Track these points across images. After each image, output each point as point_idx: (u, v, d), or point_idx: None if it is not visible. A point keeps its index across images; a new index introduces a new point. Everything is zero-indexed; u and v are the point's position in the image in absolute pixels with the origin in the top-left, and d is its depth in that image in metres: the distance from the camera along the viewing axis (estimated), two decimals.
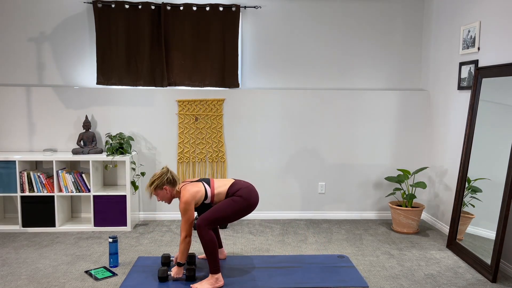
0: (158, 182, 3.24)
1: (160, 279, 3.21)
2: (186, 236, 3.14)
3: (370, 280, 3.31)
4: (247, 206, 3.25)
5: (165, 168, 3.30)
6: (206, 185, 3.28)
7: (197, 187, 3.24)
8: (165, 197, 3.29)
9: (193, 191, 3.20)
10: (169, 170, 3.30)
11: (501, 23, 3.59)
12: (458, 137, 4.24)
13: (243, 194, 3.24)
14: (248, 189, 3.29)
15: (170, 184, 3.26)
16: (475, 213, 3.72)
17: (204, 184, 3.28)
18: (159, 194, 3.27)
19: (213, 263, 3.14)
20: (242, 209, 3.24)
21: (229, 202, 3.22)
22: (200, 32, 4.67)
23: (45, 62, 4.71)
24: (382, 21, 4.86)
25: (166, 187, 3.25)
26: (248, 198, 3.25)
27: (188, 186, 3.25)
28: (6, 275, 3.33)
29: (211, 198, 3.27)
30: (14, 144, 4.69)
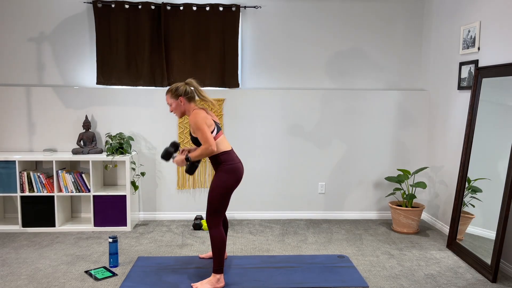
0: (174, 89, 3.15)
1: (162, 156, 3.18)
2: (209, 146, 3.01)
3: (370, 280, 3.31)
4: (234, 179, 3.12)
5: (188, 82, 3.19)
6: (216, 128, 3.14)
7: (210, 120, 3.09)
8: (177, 108, 3.17)
9: (204, 117, 3.06)
10: (189, 83, 3.18)
11: (501, 23, 3.59)
12: (458, 137, 4.24)
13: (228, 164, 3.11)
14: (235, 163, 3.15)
15: (186, 97, 3.15)
16: (475, 213, 3.72)
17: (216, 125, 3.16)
18: (172, 103, 3.17)
19: (218, 262, 3.11)
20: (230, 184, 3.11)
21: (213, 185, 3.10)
22: (200, 32, 4.67)
23: (45, 62, 4.71)
24: (382, 21, 4.86)
25: (181, 98, 3.15)
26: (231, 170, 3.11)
27: (202, 112, 3.11)
28: (6, 275, 3.33)
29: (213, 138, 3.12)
30: (14, 144, 4.69)
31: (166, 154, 3.21)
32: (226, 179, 3.12)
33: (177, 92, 3.16)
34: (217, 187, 3.11)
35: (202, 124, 3.03)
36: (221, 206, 3.13)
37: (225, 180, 3.11)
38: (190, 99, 3.18)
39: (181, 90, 3.15)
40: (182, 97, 3.16)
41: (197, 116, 3.05)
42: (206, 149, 3.03)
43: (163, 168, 4.79)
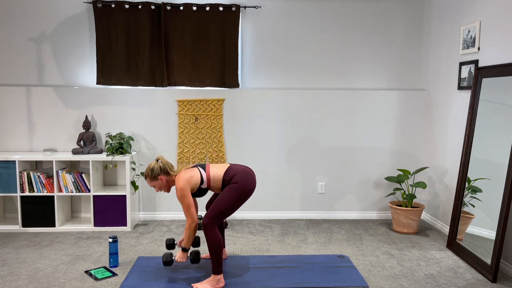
0: (150, 173, 3.25)
1: (164, 264, 3.19)
2: (192, 221, 3.13)
3: (370, 280, 3.31)
4: (246, 191, 3.18)
5: (157, 158, 3.30)
6: (201, 170, 3.25)
7: (191, 173, 3.21)
8: (162, 187, 3.29)
9: (187, 177, 3.18)
10: (159, 160, 3.28)
11: (501, 23, 3.59)
12: (458, 137, 4.24)
13: (239, 179, 3.16)
14: (243, 173, 3.21)
15: (164, 173, 3.25)
16: (475, 213, 3.72)
17: (199, 169, 3.25)
18: (155, 185, 3.28)
19: (216, 264, 3.12)
20: (242, 195, 3.17)
21: (228, 193, 3.14)
22: (200, 32, 4.67)
23: (45, 62, 4.71)
24: (382, 21, 4.86)
25: (160, 177, 3.25)
26: (244, 183, 3.16)
27: (181, 173, 3.23)
28: (6, 275, 3.33)
29: (207, 183, 3.23)
30: (14, 144, 4.69)
31: (167, 261, 3.20)
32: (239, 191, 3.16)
33: (154, 173, 3.25)
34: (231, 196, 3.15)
35: (185, 196, 3.13)
36: (228, 213, 3.17)
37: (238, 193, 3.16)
38: (168, 172, 3.28)
39: (156, 171, 3.25)
40: (160, 175, 3.25)
41: (180, 184, 3.14)
42: (190, 227, 3.17)
43: None
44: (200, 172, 3.24)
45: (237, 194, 3.15)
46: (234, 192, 3.15)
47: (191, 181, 3.19)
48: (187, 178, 3.18)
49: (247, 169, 3.28)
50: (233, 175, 3.20)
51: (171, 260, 3.20)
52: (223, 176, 3.23)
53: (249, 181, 3.20)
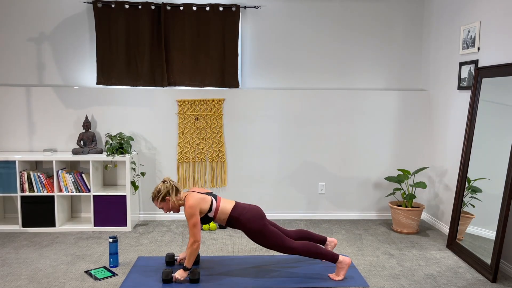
0: (157, 195, 3.27)
1: (163, 281, 3.20)
2: (194, 241, 3.16)
3: (370, 280, 3.31)
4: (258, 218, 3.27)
5: (164, 179, 3.31)
6: (212, 198, 3.30)
7: (202, 197, 3.26)
8: (170, 208, 3.30)
9: (199, 197, 3.23)
10: (166, 181, 3.29)
11: (501, 23, 3.59)
12: (458, 137, 4.24)
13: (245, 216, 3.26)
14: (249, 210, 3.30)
15: (172, 194, 3.26)
16: (475, 213, 3.72)
17: (211, 197, 3.30)
18: (164, 206, 3.29)
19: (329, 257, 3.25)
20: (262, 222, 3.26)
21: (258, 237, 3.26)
22: (200, 32, 4.67)
23: (45, 62, 4.71)
24: (382, 21, 4.86)
25: (168, 198, 3.26)
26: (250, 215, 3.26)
27: (194, 193, 3.28)
28: (6, 275, 3.33)
29: (214, 212, 3.28)
30: (14, 144, 4.69)
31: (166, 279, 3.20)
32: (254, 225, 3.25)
33: (160, 195, 3.26)
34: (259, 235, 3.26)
35: (194, 215, 3.16)
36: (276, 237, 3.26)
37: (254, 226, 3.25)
38: (176, 193, 3.28)
39: (163, 192, 3.25)
40: (168, 196, 3.26)
41: (191, 202, 3.18)
42: (191, 247, 3.17)
43: (163, 168, 4.79)
44: (211, 200, 3.28)
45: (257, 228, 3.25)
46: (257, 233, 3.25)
47: (202, 204, 3.22)
48: (199, 198, 3.22)
49: (252, 206, 3.37)
50: (239, 213, 3.27)
51: (170, 277, 3.20)
52: (231, 212, 3.29)
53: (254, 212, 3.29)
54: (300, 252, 3.26)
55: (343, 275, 3.27)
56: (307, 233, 3.56)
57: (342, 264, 3.26)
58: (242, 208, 3.32)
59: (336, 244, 3.60)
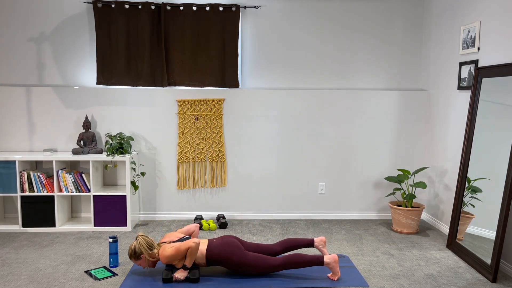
0: (133, 253, 3.26)
1: (163, 281, 3.20)
2: (189, 247, 3.17)
3: (370, 280, 3.31)
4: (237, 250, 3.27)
5: (137, 236, 3.30)
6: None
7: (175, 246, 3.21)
8: (148, 263, 3.29)
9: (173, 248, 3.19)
10: (139, 237, 3.27)
11: (501, 23, 3.59)
12: (458, 137, 4.24)
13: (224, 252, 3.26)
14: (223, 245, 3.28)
15: (149, 250, 3.25)
16: (475, 213, 3.72)
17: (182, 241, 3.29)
18: (141, 264, 3.29)
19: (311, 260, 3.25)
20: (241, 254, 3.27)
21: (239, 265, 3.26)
22: (200, 32, 4.67)
23: (45, 62, 4.71)
24: (382, 21, 4.86)
25: (142, 256, 3.26)
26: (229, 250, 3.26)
27: (165, 245, 3.25)
28: (6, 275, 3.33)
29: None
30: (14, 144, 4.69)
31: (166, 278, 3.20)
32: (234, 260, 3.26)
33: (136, 254, 3.27)
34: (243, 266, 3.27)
35: (172, 255, 3.16)
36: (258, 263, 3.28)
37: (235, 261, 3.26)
38: (150, 249, 3.27)
39: (138, 250, 3.25)
40: (143, 255, 3.26)
41: (167, 253, 3.17)
42: (191, 249, 3.17)
43: (163, 168, 4.79)
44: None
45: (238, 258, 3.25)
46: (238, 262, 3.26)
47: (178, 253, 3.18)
48: (172, 248, 3.18)
49: (224, 239, 3.34)
50: (217, 253, 3.26)
51: (170, 277, 3.21)
52: (205, 253, 3.28)
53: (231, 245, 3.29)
54: (285, 267, 3.27)
55: (338, 271, 3.28)
56: (292, 242, 3.52)
57: (332, 264, 3.26)
58: (215, 246, 3.29)
59: (325, 241, 3.54)
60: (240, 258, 3.25)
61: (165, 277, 3.19)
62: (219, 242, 3.32)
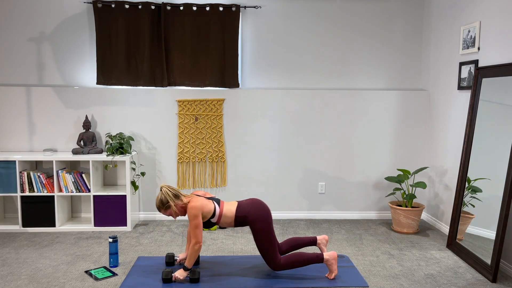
0: (160, 204, 3.26)
1: (163, 281, 3.20)
2: (196, 242, 3.17)
3: (370, 280, 3.31)
4: (265, 219, 3.26)
5: (161, 187, 3.31)
6: (215, 204, 3.30)
7: (206, 201, 3.27)
8: (176, 213, 3.29)
9: (202, 202, 3.24)
10: (163, 188, 3.29)
11: (501, 23, 3.59)
12: (458, 137, 4.24)
13: (254, 216, 3.25)
14: (253, 207, 3.29)
15: (175, 199, 3.26)
16: (475, 213, 3.72)
17: (214, 203, 3.30)
18: (171, 213, 3.29)
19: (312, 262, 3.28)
20: (267, 225, 3.26)
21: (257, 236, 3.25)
22: (200, 32, 4.67)
23: (45, 62, 4.71)
24: (382, 21, 4.86)
25: (170, 203, 3.26)
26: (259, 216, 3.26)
27: (198, 198, 3.29)
28: (6, 275, 3.33)
29: (218, 217, 3.29)
30: (14, 144, 4.69)
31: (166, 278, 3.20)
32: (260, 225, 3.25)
33: (162, 203, 3.26)
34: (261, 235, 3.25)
35: (196, 216, 3.18)
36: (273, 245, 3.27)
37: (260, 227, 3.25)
38: (176, 198, 3.28)
39: (165, 199, 3.26)
40: (170, 202, 3.26)
41: (193, 208, 3.20)
42: (193, 248, 3.20)
43: (163, 168, 4.79)
44: (214, 205, 3.28)
45: (263, 230, 3.24)
46: (260, 232, 3.24)
47: (205, 208, 3.23)
48: (203, 203, 3.23)
49: (255, 200, 3.37)
50: (247, 212, 3.27)
51: (170, 277, 3.21)
52: (235, 214, 3.29)
53: (261, 211, 3.28)
54: (286, 267, 3.28)
55: (336, 269, 3.29)
56: (296, 241, 3.53)
57: (330, 261, 3.28)
58: (245, 205, 3.31)
59: (328, 240, 3.57)
60: (265, 227, 3.24)
61: (165, 277, 3.19)
62: (249, 203, 3.34)
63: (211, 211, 3.25)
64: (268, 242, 3.25)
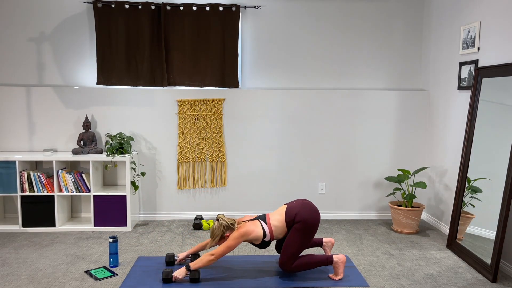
0: (218, 234, 3.28)
1: (164, 281, 3.20)
2: (216, 257, 3.18)
3: (370, 280, 3.31)
4: (312, 225, 3.26)
5: (217, 217, 3.32)
6: (262, 223, 3.29)
7: (253, 227, 3.26)
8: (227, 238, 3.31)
9: (249, 230, 3.23)
10: (221, 219, 3.30)
11: (501, 23, 3.59)
12: (458, 137, 4.24)
13: (303, 218, 3.24)
14: (304, 209, 3.29)
15: (229, 230, 3.28)
16: (475, 213, 3.72)
17: (261, 222, 3.30)
18: (223, 242, 3.31)
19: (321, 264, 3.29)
20: (308, 231, 3.26)
21: (294, 234, 3.24)
22: (200, 32, 4.67)
23: (45, 62, 4.71)
24: (382, 21, 4.87)
25: (227, 234, 3.28)
26: (308, 218, 3.25)
27: (247, 223, 3.28)
28: (6, 275, 3.33)
29: (270, 235, 3.29)
30: (14, 144, 4.69)
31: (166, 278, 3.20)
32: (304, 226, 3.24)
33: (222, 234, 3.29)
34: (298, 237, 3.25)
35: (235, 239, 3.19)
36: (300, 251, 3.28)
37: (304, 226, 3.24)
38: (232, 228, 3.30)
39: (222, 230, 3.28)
40: (226, 233, 3.29)
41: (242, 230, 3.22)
42: (209, 257, 3.19)
43: (163, 168, 4.79)
44: (262, 225, 3.28)
45: (303, 233, 3.24)
46: (300, 232, 3.24)
47: (251, 235, 3.22)
48: (249, 229, 3.23)
49: (306, 202, 3.35)
50: (295, 214, 3.26)
51: (170, 277, 3.20)
52: (285, 219, 3.29)
53: (311, 214, 3.28)
54: (295, 270, 3.27)
55: (342, 273, 3.29)
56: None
57: (338, 264, 3.28)
58: (294, 207, 3.30)
59: (334, 244, 3.59)
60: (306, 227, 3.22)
61: (165, 277, 3.19)
62: (300, 203, 3.34)
63: (261, 234, 3.26)
64: (301, 244, 3.25)
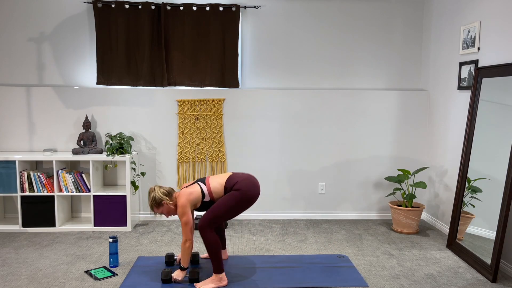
0: (153, 202, 3.25)
1: (163, 281, 3.20)
2: (186, 240, 3.15)
3: (370, 280, 3.31)
4: (248, 198, 3.20)
5: (151, 188, 3.30)
6: (201, 184, 3.27)
7: (190, 189, 3.25)
8: (169, 210, 3.28)
9: (187, 193, 3.21)
10: (155, 186, 3.29)
11: (501, 23, 3.59)
12: (458, 137, 4.25)
13: (242, 187, 3.19)
14: (246, 181, 3.24)
15: (166, 197, 3.25)
16: (475, 213, 3.72)
17: (199, 184, 3.28)
18: (163, 211, 3.28)
19: (216, 263, 3.15)
20: (242, 202, 3.19)
21: (227, 198, 3.18)
22: (200, 32, 4.67)
23: (45, 62, 4.71)
24: (382, 21, 4.87)
25: (164, 202, 3.25)
26: (246, 191, 3.19)
27: (182, 191, 3.27)
28: (6, 275, 3.33)
29: (209, 195, 3.26)
30: (14, 144, 4.69)
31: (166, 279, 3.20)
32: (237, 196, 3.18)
33: (156, 201, 3.25)
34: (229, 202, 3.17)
35: (184, 214, 3.14)
36: (224, 218, 3.21)
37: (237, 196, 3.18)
38: (169, 195, 3.27)
39: (158, 197, 3.24)
40: (163, 201, 3.25)
41: (181, 201, 3.18)
42: (184, 245, 3.15)
43: (163, 168, 4.79)
44: (200, 186, 3.26)
45: (235, 200, 3.17)
46: (233, 198, 3.18)
47: (191, 198, 3.20)
48: (187, 194, 3.20)
49: (250, 177, 3.30)
50: (235, 182, 3.22)
51: (170, 277, 3.21)
52: (224, 184, 3.25)
53: (251, 188, 3.22)
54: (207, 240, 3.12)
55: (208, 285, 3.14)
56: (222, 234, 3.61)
57: (219, 279, 3.16)
58: (236, 178, 3.25)
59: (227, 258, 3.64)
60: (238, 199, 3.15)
61: (165, 277, 3.20)
62: (245, 176, 3.29)
63: (199, 194, 3.22)
64: (228, 211, 3.16)
